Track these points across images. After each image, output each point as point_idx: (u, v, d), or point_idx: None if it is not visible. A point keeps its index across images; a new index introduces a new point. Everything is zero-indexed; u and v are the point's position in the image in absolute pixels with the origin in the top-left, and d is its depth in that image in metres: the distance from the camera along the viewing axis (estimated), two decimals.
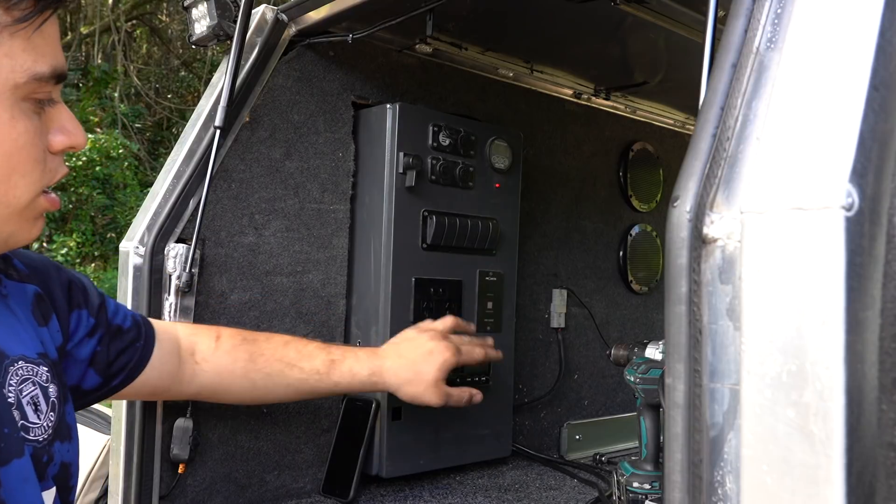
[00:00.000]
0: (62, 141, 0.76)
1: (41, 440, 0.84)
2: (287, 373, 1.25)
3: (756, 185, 0.54)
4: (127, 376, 1.10)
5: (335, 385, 1.28)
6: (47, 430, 0.85)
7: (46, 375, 0.87)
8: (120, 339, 1.08)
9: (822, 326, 0.49)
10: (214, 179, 1.39)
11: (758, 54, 0.58)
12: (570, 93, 2.01)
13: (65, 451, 0.88)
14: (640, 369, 1.44)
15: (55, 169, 0.77)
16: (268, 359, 1.25)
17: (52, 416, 0.86)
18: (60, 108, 0.76)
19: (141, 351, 1.11)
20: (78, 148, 0.77)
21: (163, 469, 1.35)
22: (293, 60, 1.52)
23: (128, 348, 1.09)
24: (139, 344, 1.11)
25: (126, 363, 1.09)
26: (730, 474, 0.53)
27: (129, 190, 8.80)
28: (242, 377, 1.23)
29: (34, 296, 0.93)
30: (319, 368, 1.26)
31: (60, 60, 0.73)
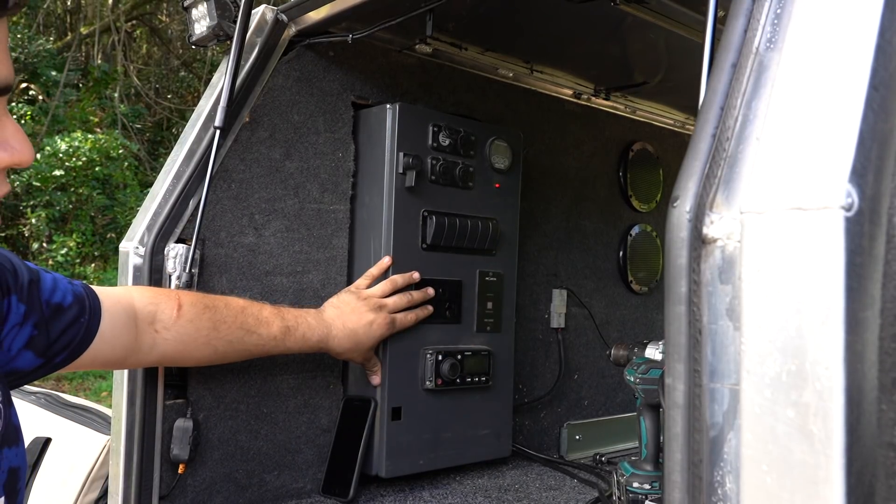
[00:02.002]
0: (3, 158, 0.67)
1: None
2: (246, 339, 1.30)
3: (756, 185, 0.54)
4: (70, 353, 1.07)
5: (288, 349, 1.37)
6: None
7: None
8: (60, 318, 1.04)
9: (821, 326, 0.49)
10: (214, 180, 1.39)
11: (757, 54, 0.58)
12: (569, 93, 2.01)
13: (13, 457, 0.85)
14: (640, 369, 1.44)
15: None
16: (229, 326, 1.28)
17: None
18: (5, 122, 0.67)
19: (86, 326, 1.08)
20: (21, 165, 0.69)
21: (163, 469, 1.35)
22: (293, 60, 1.52)
23: (70, 326, 1.06)
24: (83, 319, 1.08)
25: (69, 341, 1.06)
26: (730, 474, 0.53)
27: (129, 190, 8.80)
28: (205, 345, 1.26)
29: None
30: (276, 335, 1.33)
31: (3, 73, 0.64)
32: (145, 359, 1.23)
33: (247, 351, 1.32)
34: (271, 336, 1.33)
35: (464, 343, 1.67)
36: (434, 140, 1.59)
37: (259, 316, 1.32)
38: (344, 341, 1.43)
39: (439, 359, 1.59)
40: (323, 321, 1.42)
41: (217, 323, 1.27)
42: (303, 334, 1.37)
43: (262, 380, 1.47)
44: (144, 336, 1.20)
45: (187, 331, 1.23)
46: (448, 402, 1.64)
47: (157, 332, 1.21)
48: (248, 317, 1.31)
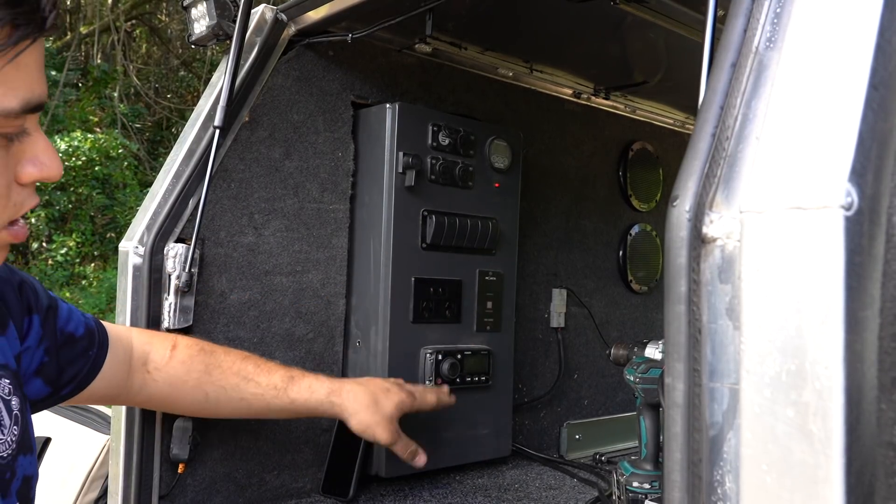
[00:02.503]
0: (32, 173, 0.69)
1: (5, 456, 0.81)
2: (242, 386, 1.22)
3: (755, 184, 0.54)
4: (77, 386, 1.06)
5: (291, 402, 1.25)
6: (11, 446, 0.82)
7: (8, 388, 0.85)
8: (71, 349, 1.04)
9: (821, 326, 0.49)
10: (214, 179, 1.39)
11: (757, 54, 0.58)
12: (569, 92, 2.01)
13: (27, 465, 0.86)
14: (640, 369, 1.44)
15: (22, 202, 0.70)
16: (224, 371, 1.22)
17: (15, 430, 0.83)
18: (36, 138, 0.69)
19: (93, 360, 1.07)
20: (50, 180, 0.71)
21: (162, 469, 1.35)
22: (293, 60, 1.52)
23: (79, 357, 1.05)
24: (92, 353, 1.07)
25: (77, 373, 1.05)
26: (729, 474, 0.53)
27: (129, 190, 8.80)
28: (195, 388, 1.20)
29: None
30: (277, 384, 1.24)
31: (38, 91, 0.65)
32: (135, 398, 1.19)
33: (243, 400, 1.23)
34: (272, 384, 1.23)
35: (463, 343, 1.67)
36: (434, 139, 1.59)
37: (261, 364, 1.26)
38: (360, 396, 1.29)
39: (439, 358, 1.59)
40: (336, 381, 1.32)
41: (210, 367, 1.21)
42: (308, 385, 1.26)
43: None
44: (136, 375, 1.17)
45: (177, 373, 1.19)
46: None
47: (149, 372, 1.18)
48: (249, 364, 1.25)
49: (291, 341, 1.51)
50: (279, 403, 1.24)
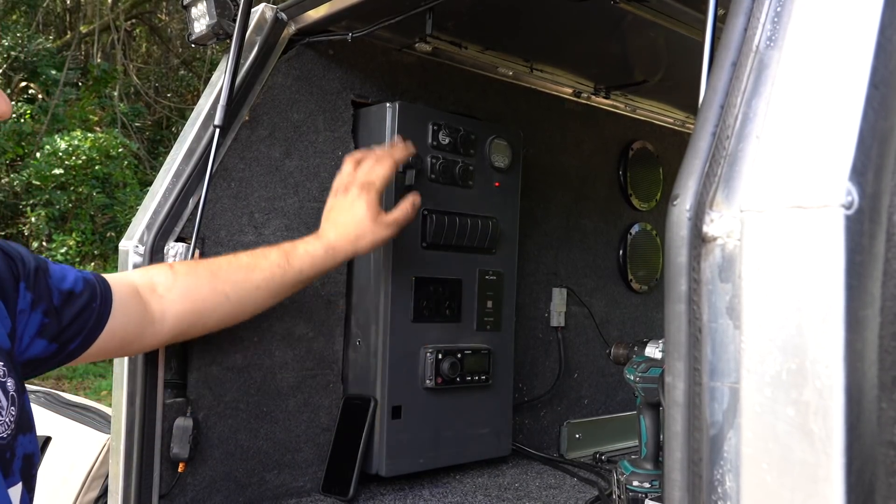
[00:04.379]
0: None
1: (5, 437, 0.83)
2: (251, 276, 1.24)
3: (756, 183, 0.54)
4: (84, 340, 1.06)
5: (299, 272, 1.29)
6: (10, 426, 0.84)
7: (2, 370, 0.86)
8: (72, 305, 1.04)
9: (821, 325, 0.49)
10: (214, 178, 1.39)
11: (757, 53, 0.58)
12: (569, 91, 2.01)
13: (27, 443, 0.88)
14: (640, 368, 1.44)
15: None
16: (227, 270, 1.24)
17: (13, 410, 0.85)
18: None
19: (98, 311, 1.07)
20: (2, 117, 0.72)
21: (163, 468, 1.35)
22: (293, 59, 1.52)
23: (82, 312, 1.05)
24: (95, 304, 1.07)
25: (82, 327, 1.05)
26: (730, 473, 0.53)
27: (129, 189, 8.80)
28: (212, 293, 1.21)
29: None
30: (279, 262, 1.27)
31: None
32: (161, 329, 1.18)
33: (258, 288, 1.25)
34: (274, 263, 1.26)
35: (463, 342, 1.67)
36: (434, 139, 1.59)
37: (253, 252, 1.29)
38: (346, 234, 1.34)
39: (439, 357, 1.59)
40: (319, 234, 1.35)
41: (214, 269, 1.23)
42: (304, 250, 1.30)
43: (261, 379, 1.47)
44: (152, 305, 1.17)
45: (188, 283, 1.20)
46: (448, 400, 1.64)
47: (162, 296, 1.18)
48: (242, 256, 1.28)
49: (291, 340, 1.52)
50: (290, 278, 1.28)
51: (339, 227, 1.34)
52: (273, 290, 1.28)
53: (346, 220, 1.34)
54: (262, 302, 1.29)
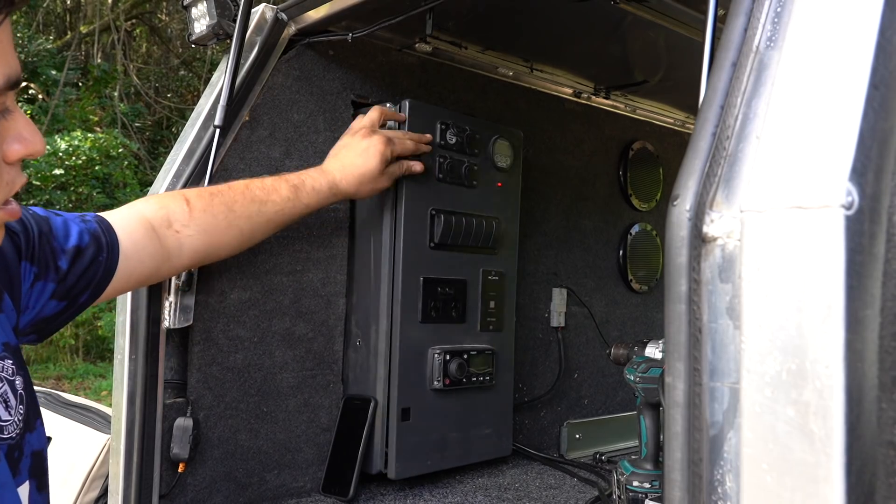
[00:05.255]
0: (18, 150, 0.71)
1: (14, 436, 0.82)
2: (264, 210, 1.28)
3: (756, 183, 0.54)
4: (93, 292, 1.06)
5: (306, 206, 1.34)
6: (18, 425, 0.84)
7: (11, 368, 0.85)
8: (78, 262, 1.03)
9: (822, 325, 0.49)
10: (214, 178, 1.39)
11: (758, 53, 0.58)
12: (569, 92, 2.01)
13: (34, 441, 0.87)
14: (640, 368, 1.44)
15: (12, 181, 0.73)
16: (241, 203, 1.26)
17: (21, 408, 0.85)
18: (16, 115, 0.71)
19: (105, 264, 1.06)
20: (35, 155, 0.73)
21: (163, 468, 1.35)
22: (293, 59, 1.52)
23: (89, 267, 1.04)
24: (101, 257, 1.06)
25: (89, 281, 1.05)
26: (730, 473, 0.53)
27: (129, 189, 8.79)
28: (228, 227, 1.24)
29: None
30: (288, 195, 1.31)
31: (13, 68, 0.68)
32: (178, 262, 1.20)
33: (269, 221, 1.30)
34: (285, 198, 1.30)
35: (468, 342, 1.67)
36: (442, 138, 1.59)
37: (264, 185, 1.31)
38: (349, 177, 1.39)
39: (447, 358, 1.59)
40: (324, 170, 1.39)
41: (230, 203, 1.25)
42: (311, 187, 1.34)
43: (262, 379, 1.47)
44: (168, 241, 1.17)
45: (205, 220, 1.22)
46: (454, 401, 1.63)
47: (178, 231, 1.18)
48: (255, 189, 1.29)
49: (291, 340, 1.52)
50: (297, 211, 1.34)
51: (347, 167, 1.39)
52: (281, 222, 1.33)
53: (357, 162, 1.40)
54: (270, 232, 1.34)
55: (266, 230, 1.32)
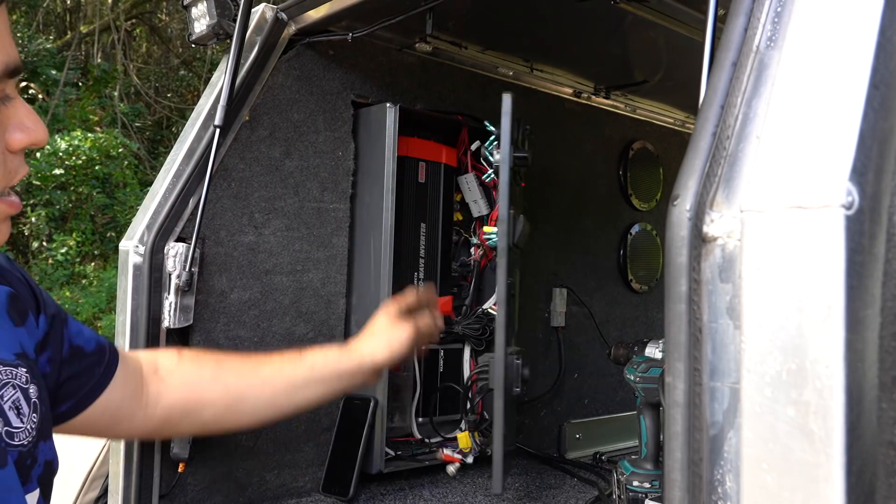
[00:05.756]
0: (21, 139, 0.70)
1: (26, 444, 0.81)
2: (258, 369, 1.13)
3: (756, 183, 0.54)
4: (75, 405, 0.99)
5: (311, 368, 1.15)
6: (31, 433, 0.83)
7: (26, 377, 0.84)
8: (77, 362, 0.98)
9: (822, 325, 0.49)
10: (214, 178, 1.39)
11: (758, 53, 0.58)
12: (570, 92, 2.01)
13: (47, 450, 0.86)
14: (640, 368, 1.44)
15: (15, 169, 0.71)
16: (236, 362, 1.14)
17: (34, 417, 0.83)
18: (17, 103, 0.71)
19: (97, 379, 1.00)
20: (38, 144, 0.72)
21: (163, 468, 1.35)
22: (293, 59, 1.52)
23: (84, 373, 0.99)
24: (98, 370, 1.01)
25: (77, 389, 0.98)
26: (730, 473, 0.53)
27: (129, 189, 8.79)
28: (213, 381, 1.11)
29: (7, 297, 0.88)
30: (292, 357, 1.16)
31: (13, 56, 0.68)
32: (154, 413, 1.08)
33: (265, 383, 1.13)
34: (285, 359, 1.15)
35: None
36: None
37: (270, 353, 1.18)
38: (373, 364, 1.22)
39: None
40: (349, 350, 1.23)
41: (221, 360, 1.14)
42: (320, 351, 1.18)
43: None
44: (150, 387, 1.08)
45: (190, 370, 1.12)
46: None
47: (162, 378, 1.09)
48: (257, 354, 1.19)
49: (292, 340, 1.51)
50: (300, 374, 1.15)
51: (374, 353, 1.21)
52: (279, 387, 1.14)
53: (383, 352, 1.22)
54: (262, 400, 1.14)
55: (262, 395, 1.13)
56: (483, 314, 1.75)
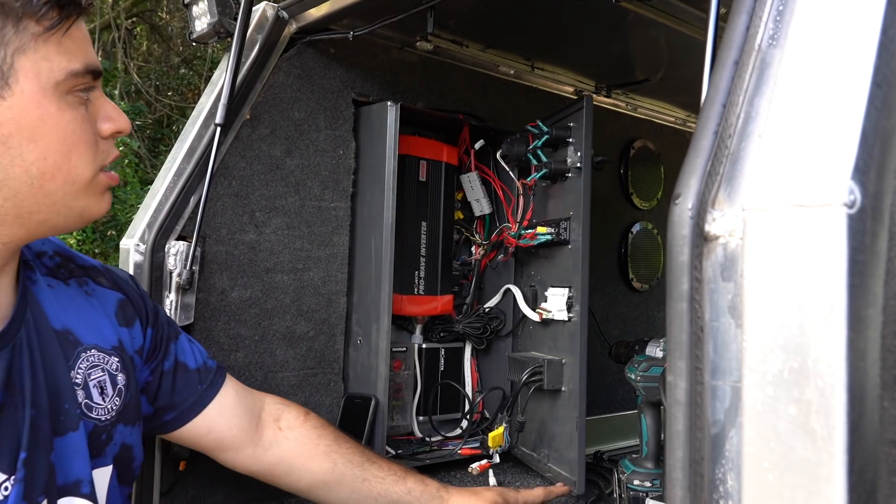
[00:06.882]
0: (109, 127, 0.88)
1: (103, 419, 0.95)
2: (367, 466, 1.23)
3: (758, 182, 0.54)
4: (179, 416, 1.13)
5: (408, 491, 1.24)
6: (111, 412, 0.96)
7: (117, 365, 1.00)
8: (180, 377, 1.13)
9: (824, 324, 0.49)
10: (215, 177, 1.39)
11: (760, 51, 0.58)
12: (570, 90, 2.01)
13: (127, 434, 0.99)
14: (641, 367, 1.44)
15: (107, 151, 0.89)
16: (352, 447, 1.25)
17: (117, 400, 0.98)
18: (104, 99, 0.88)
19: (200, 395, 1.14)
20: (124, 132, 0.89)
21: (164, 466, 1.35)
22: (294, 58, 1.52)
23: (185, 387, 1.13)
24: (200, 387, 1.15)
25: (181, 401, 1.13)
26: (731, 472, 0.53)
27: (130, 188, 8.78)
28: (325, 455, 1.22)
29: (119, 301, 1.05)
30: (397, 471, 1.26)
31: (92, 57, 0.84)
32: (263, 455, 1.21)
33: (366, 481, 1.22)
34: (393, 470, 1.24)
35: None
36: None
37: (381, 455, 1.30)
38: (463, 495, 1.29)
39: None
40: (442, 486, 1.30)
41: (340, 439, 1.25)
42: (421, 478, 1.27)
43: (262, 377, 1.47)
44: (266, 431, 1.22)
45: (310, 435, 1.23)
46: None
47: (281, 429, 1.22)
48: (369, 450, 1.28)
49: (292, 339, 1.52)
50: (397, 490, 1.24)
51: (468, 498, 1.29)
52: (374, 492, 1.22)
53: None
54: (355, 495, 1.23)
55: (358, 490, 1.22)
56: (484, 313, 1.75)
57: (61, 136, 0.82)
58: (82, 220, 0.89)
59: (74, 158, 0.84)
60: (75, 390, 0.92)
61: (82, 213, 0.88)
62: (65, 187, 0.84)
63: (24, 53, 0.78)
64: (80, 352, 0.95)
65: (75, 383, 0.92)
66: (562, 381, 1.50)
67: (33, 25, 0.78)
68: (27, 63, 0.78)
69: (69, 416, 0.90)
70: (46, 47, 0.79)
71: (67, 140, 0.83)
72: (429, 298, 1.70)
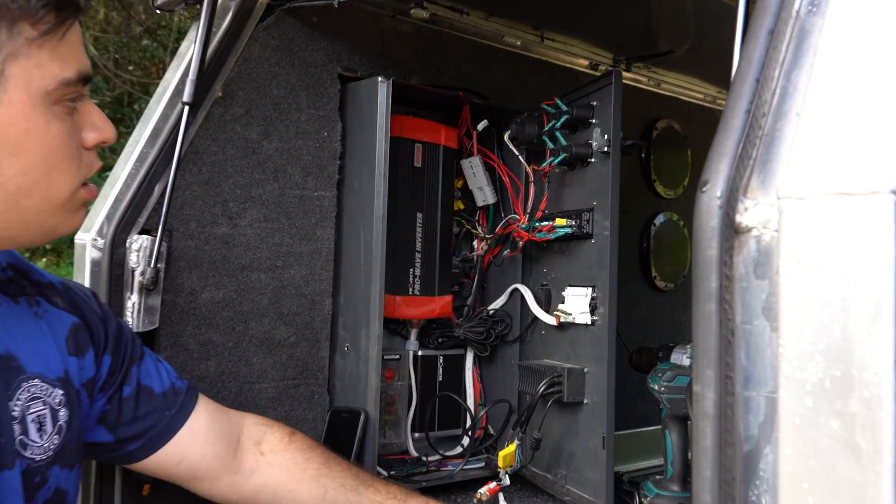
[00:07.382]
0: (94, 137, 0.90)
1: (37, 460, 0.94)
2: (362, 490, 1.24)
3: (795, 167, 0.54)
4: (145, 445, 1.13)
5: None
6: (47, 452, 0.95)
7: (61, 399, 0.98)
8: (143, 402, 1.13)
9: (870, 326, 0.49)
10: (183, 162, 1.39)
11: (798, 19, 0.58)
12: (585, 63, 2.01)
13: (63, 478, 0.98)
14: (666, 376, 1.44)
15: (90, 163, 0.92)
16: (344, 470, 1.25)
17: (56, 438, 0.97)
18: (90, 106, 0.91)
19: (168, 420, 1.14)
20: (109, 142, 0.92)
21: (124, 491, 1.35)
22: (271, 27, 1.52)
23: (150, 414, 1.13)
24: (168, 412, 1.15)
25: (145, 429, 1.13)
26: (766, 494, 0.54)
27: None
28: (313, 480, 1.22)
29: (72, 326, 1.05)
30: (397, 494, 1.26)
31: (85, 64, 0.87)
32: (243, 484, 1.21)
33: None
34: (391, 493, 1.25)
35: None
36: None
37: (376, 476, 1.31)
38: None
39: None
40: None
41: (330, 461, 1.25)
42: (426, 500, 1.28)
43: (237, 389, 1.48)
44: (247, 456, 1.22)
45: (296, 459, 1.23)
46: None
47: (263, 454, 1.23)
48: (364, 472, 1.29)
49: (271, 346, 1.52)
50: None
51: None
52: None
53: None
54: None
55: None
56: (487, 316, 1.76)
57: (45, 151, 0.85)
58: (51, 237, 0.91)
59: (55, 175, 0.86)
60: (12, 424, 0.91)
61: (52, 231, 0.90)
62: (40, 205, 0.86)
63: (16, 60, 0.80)
64: (22, 380, 0.94)
65: (12, 416, 0.91)
66: (584, 392, 1.50)
67: (28, 29, 0.80)
68: (19, 71, 0.80)
69: (6, 451, 0.89)
70: (40, 53, 0.81)
71: (51, 156, 0.85)
72: (425, 299, 1.70)
